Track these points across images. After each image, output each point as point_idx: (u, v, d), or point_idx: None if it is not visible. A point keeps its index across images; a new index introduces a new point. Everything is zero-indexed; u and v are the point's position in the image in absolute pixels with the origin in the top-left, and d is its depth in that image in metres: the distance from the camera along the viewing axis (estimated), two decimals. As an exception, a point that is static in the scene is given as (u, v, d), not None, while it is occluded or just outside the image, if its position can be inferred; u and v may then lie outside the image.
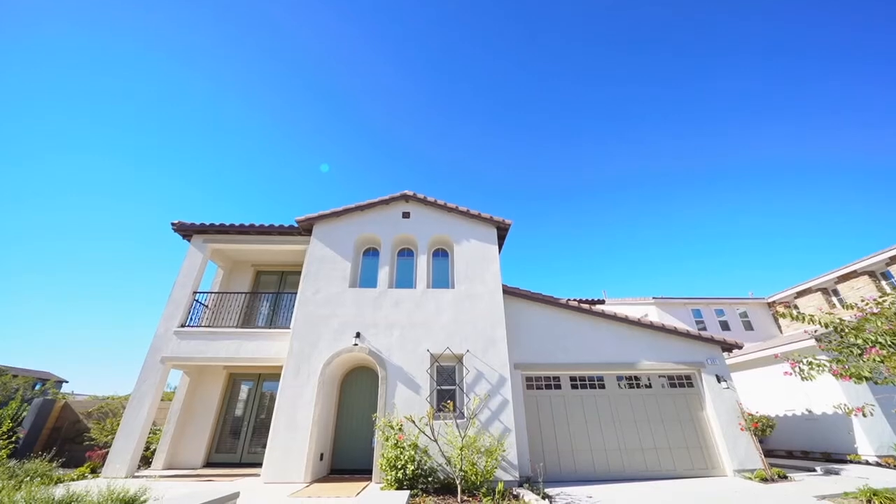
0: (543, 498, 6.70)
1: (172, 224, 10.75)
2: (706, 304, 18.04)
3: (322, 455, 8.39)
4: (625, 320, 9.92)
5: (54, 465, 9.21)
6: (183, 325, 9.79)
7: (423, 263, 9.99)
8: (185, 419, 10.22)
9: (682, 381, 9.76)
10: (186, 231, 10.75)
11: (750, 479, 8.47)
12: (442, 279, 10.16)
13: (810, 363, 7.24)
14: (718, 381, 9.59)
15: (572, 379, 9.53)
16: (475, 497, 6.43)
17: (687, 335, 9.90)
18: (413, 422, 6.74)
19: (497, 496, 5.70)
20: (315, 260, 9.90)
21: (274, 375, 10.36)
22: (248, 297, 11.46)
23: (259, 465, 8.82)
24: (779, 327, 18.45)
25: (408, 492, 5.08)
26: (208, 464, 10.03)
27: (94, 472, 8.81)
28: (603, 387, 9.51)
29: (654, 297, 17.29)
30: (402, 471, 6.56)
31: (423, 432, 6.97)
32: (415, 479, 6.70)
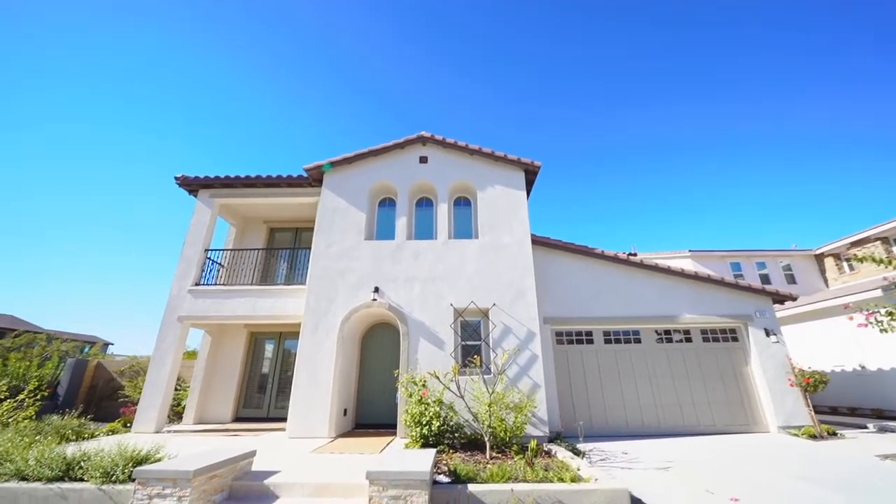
0: (577, 454, 6.28)
1: (176, 178, 10.22)
2: (746, 256, 16.78)
3: (346, 410, 8.20)
4: (666, 271, 9.05)
5: (86, 419, 9.42)
6: (197, 284, 9.51)
7: (443, 213, 9.22)
8: (210, 377, 10.23)
9: (726, 335, 8.99)
10: (191, 185, 10.21)
11: (796, 435, 7.87)
12: (464, 229, 9.41)
13: (891, 313, 6.33)
14: (767, 334, 8.77)
15: (606, 333, 8.89)
16: (505, 453, 6.05)
17: (735, 286, 8.99)
18: (437, 377, 6.31)
19: (530, 453, 5.26)
20: (327, 212, 9.26)
21: (294, 333, 10.12)
22: (264, 256, 11.07)
23: (285, 419, 8.74)
24: (825, 281, 17.14)
25: (434, 450, 4.66)
26: (237, 418, 10.13)
27: (127, 426, 8.94)
28: (639, 341, 8.85)
29: (689, 250, 16.15)
30: (427, 427, 6.20)
31: (449, 388, 6.54)
32: (440, 435, 6.36)
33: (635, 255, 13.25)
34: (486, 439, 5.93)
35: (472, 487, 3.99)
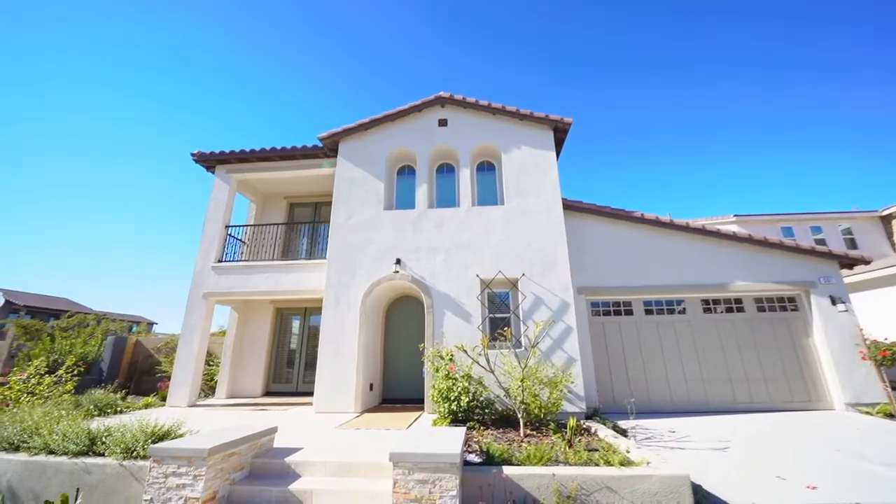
0: (620, 433, 5.79)
1: (192, 155, 10.01)
2: (799, 220, 15.23)
3: (371, 385, 8.01)
4: (715, 234, 8.14)
5: (125, 394, 9.74)
6: (220, 261, 9.42)
7: (465, 178, 8.59)
8: (239, 352, 10.33)
9: (784, 304, 8.08)
10: (207, 161, 10.00)
11: (869, 413, 7.05)
12: (489, 195, 8.77)
13: None
14: (833, 302, 7.81)
15: (646, 304, 8.19)
16: (540, 431, 5.64)
17: (796, 249, 7.99)
18: (465, 351, 5.90)
19: (569, 432, 4.81)
20: (344, 182, 8.83)
21: (319, 309, 9.96)
22: (285, 231, 10.88)
23: (313, 393, 8.68)
24: (892, 245, 15.42)
25: (463, 428, 4.28)
26: (267, 393, 10.25)
27: (163, 400, 9.17)
28: (683, 311, 8.10)
29: (735, 215, 14.79)
30: (455, 402, 5.85)
31: (477, 362, 6.13)
32: (469, 411, 6.01)
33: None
34: (518, 416, 5.52)
35: (507, 470, 3.58)
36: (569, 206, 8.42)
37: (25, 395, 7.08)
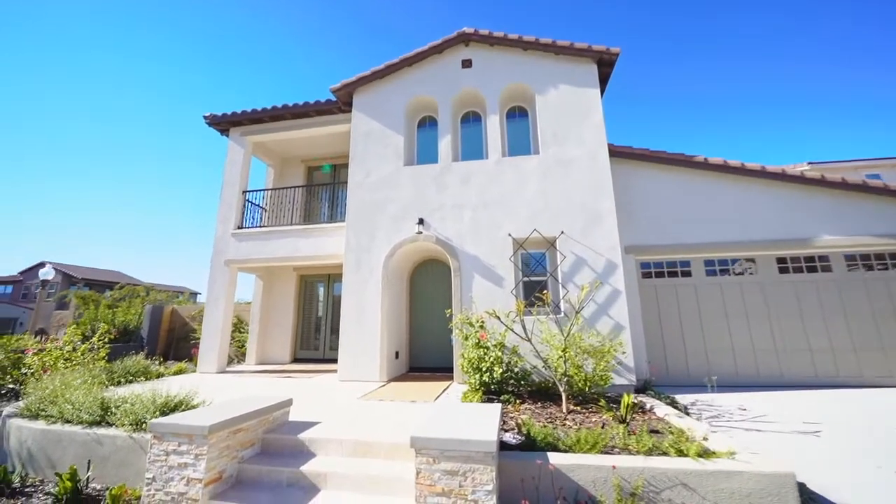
0: (680, 411, 5.02)
1: (205, 117, 9.52)
2: (891, 165, 13.01)
3: (397, 353, 7.59)
4: (798, 180, 6.80)
5: (159, 360, 9.94)
6: (240, 227, 9.11)
7: (494, 126, 7.58)
8: (266, 320, 10.25)
9: (885, 262, 6.75)
10: (219, 123, 9.49)
11: None
12: (521, 145, 7.75)
13: None
14: (947, 258, 6.41)
15: (708, 263, 7.10)
16: (585, 406, 4.97)
17: (904, 194, 6.55)
18: (498, 318, 5.23)
19: (624, 409, 4.08)
20: (361, 137, 8.07)
21: (342, 275, 9.56)
22: (304, 196, 10.40)
23: (340, 361, 8.42)
24: None
25: (499, 406, 3.66)
26: (295, 359, 10.20)
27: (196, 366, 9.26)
28: (754, 272, 6.97)
29: (809, 163, 12.82)
30: (487, 373, 5.25)
31: (512, 329, 5.45)
32: (503, 383, 5.41)
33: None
34: (560, 389, 4.85)
35: (554, 458, 2.93)
36: (616, 153, 7.28)
37: (62, 361, 7.18)
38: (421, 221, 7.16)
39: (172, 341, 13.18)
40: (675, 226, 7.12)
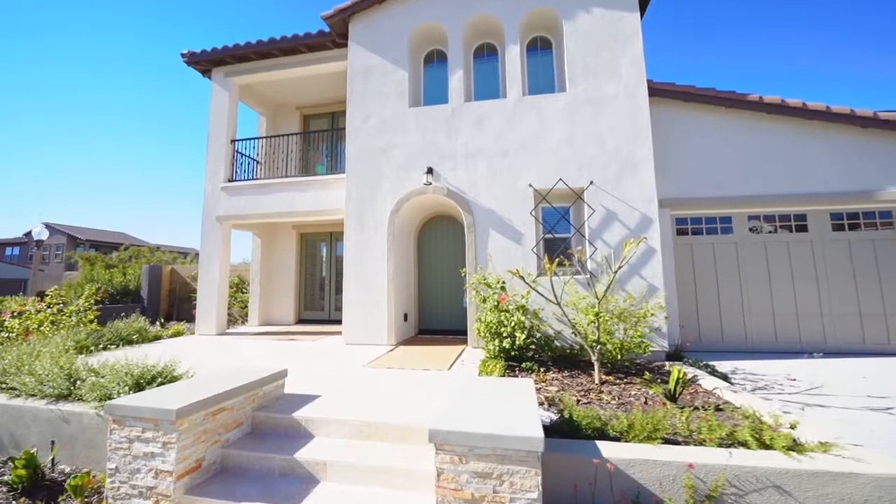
0: (727, 382, 4.48)
1: (182, 55, 8.41)
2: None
3: (406, 315, 7.06)
4: (872, 121, 5.82)
5: (160, 321, 9.59)
6: (230, 181, 8.32)
7: (514, 59, 6.51)
8: (267, 280, 9.74)
9: (955, 216, 5.93)
10: (199, 62, 8.39)
11: None
12: (544, 82, 6.72)
13: None
14: None
15: (752, 219, 6.31)
16: (618, 376, 4.44)
17: None
18: (522, 278, 4.57)
19: (674, 384, 3.51)
20: (359, 74, 7.03)
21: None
22: (301, 147, 9.49)
23: (344, 323, 7.95)
24: None
25: (530, 381, 3.07)
26: (300, 320, 9.81)
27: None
28: (804, 229, 6.18)
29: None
30: (508, 339, 4.68)
31: (537, 291, 4.81)
32: (524, 349, 4.86)
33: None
34: (592, 357, 4.28)
35: (608, 450, 2.37)
36: (655, 91, 6.26)
37: (49, 325, 6.74)
38: (430, 171, 6.33)
39: (174, 302, 12.84)
40: (716, 176, 6.25)
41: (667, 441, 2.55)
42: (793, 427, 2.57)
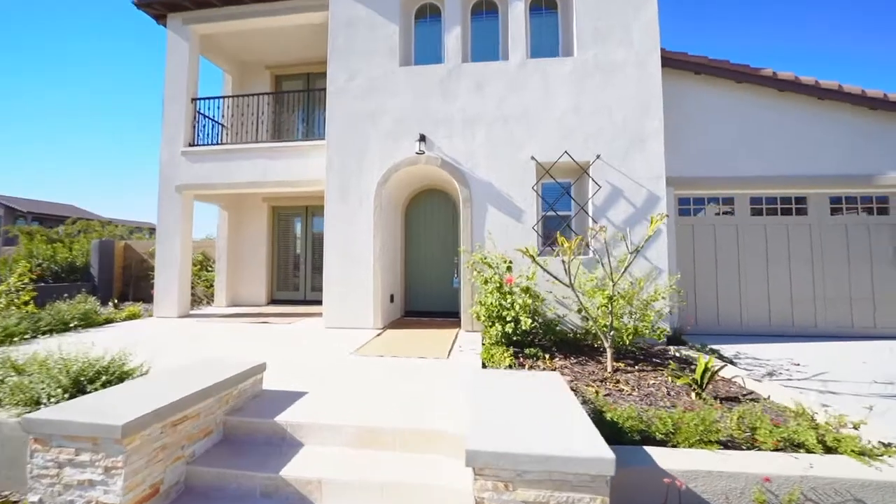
0: (727, 363, 4.31)
1: (131, -7, 7.18)
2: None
3: (392, 296, 6.55)
4: (880, 101, 5.68)
5: (109, 302, 8.63)
6: (191, 145, 7.33)
7: (518, 16, 5.89)
8: (235, 258, 8.89)
9: (944, 202, 5.98)
10: (151, 4, 7.18)
11: None
12: (549, 44, 6.16)
13: None
14: None
15: (754, 201, 6.15)
16: (626, 362, 4.17)
17: None
18: (532, 257, 4.14)
19: (700, 374, 3.23)
20: (342, 25, 6.19)
21: (322, 208, 8.11)
22: (273, 109, 8.54)
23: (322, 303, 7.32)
24: None
25: (558, 376, 2.67)
26: (272, 301, 9.09)
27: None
28: (804, 212, 6.09)
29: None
30: (511, 323, 4.29)
31: (547, 272, 4.41)
32: (526, 334, 4.50)
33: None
34: (606, 344, 3.96)
35: (662, 458, 2.02)
36: (666, 61, 5.84)
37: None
38: (422, 139, 5.71)
39: (130, 280, 11.67)
40: (722, 155, 6.00)
41: (720, 444, 2.23)
42: (856, 427, 2.31)
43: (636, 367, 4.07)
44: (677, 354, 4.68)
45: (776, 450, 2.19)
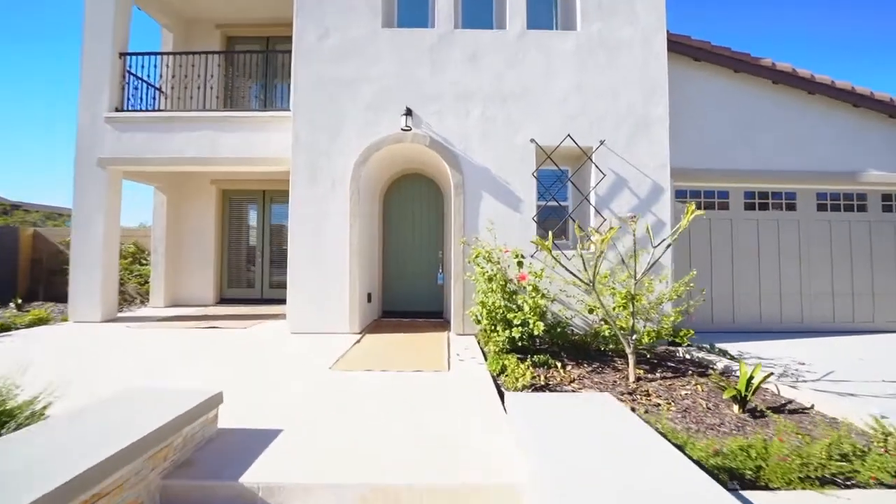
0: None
1: None
2: None
3: (370, 295, 5.77)
4: (866, 98, 5.72)
5: (15, 302, 7.14)
6: (119, 110, 6.01)
7: (518, -20, 5.27)
8: (175, 249, 7.60)
9: (913, 202, 6.23)
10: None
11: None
12: (549, 15, 5.62)
13: None
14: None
15: (748, 195, 6.04)
16: (643, 368, 3.77)
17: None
18: (548, 250, 3.57)
19: (745, 385, 2.85)
20: (313, -27, 5.24)
21: (283, 192, 7.05)
22: (227, 74, 7.32)
23: (284, 301, 6.33)
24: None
25: (610, 397, 2.16)
26: (222, 300, 7.92)
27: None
28: (793, 207, 6.08)
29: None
30: (519, 328, 3.73)
31: (568, 269, 3.87)
32: (533, 339, 3.98)
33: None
34: (627, 350, 3.52)
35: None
36: (669, 44, 5.51)
37: None
38: (409, 113, 4.95)
39: (41, 276, 9.77)
40: (720, 146, 5.81)
41: (827, 481, 1.80)
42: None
43: (657, 375, 3.68)
44: (687, 357, 4.39)
45: (882, 485, 1.79)
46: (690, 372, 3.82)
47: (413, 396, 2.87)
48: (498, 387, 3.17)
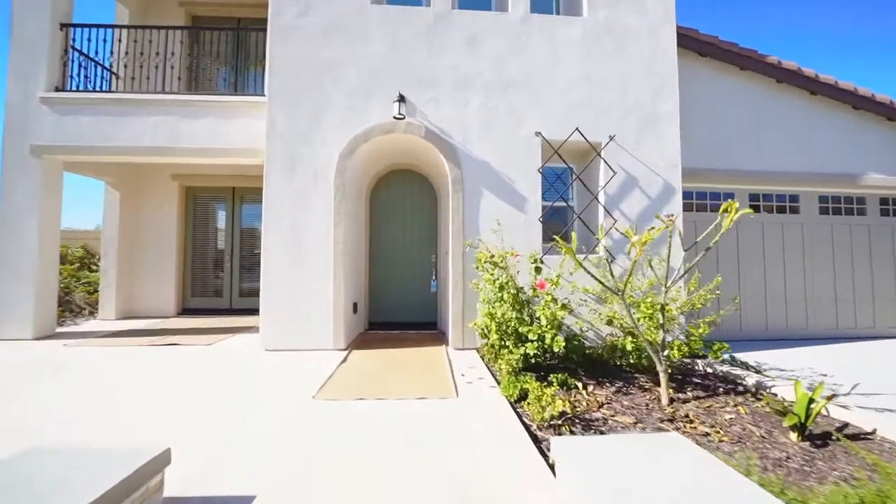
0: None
1: None
2: None
3: (355, 305, 5.14)
4: (866, 100, 5.64)
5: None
6: (60, 89, 5.15)
7: (521, -40, 4.85)
8: (132, 253, 6.71)
9: (909, 206, 6.22)
10: None
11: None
12: (547, 3, 5.23)
13: None
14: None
15: (753, 197, 5.83)
16: (670, 384, 3.35)
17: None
18: (572, 254, 3.11)
19: (804, 410, 2.46)
20: (292, -60, 4.62)
21: (256, 189, 6.30)
22: (191, 53, 6.52)
23: (256, 311, 5.56)
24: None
25: (682, 437, 1.72)
26: (184, 310, 7.06)
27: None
28: (797, 210, 5.92)
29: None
30: (537, 343, 3.24)
31: (595, 277, 3.41)
32: (549, 354, 3.50)
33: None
34: (658, 367, 3.09)
35: None
36: (679, 38, 5.22)
37: None
38: (402, 99, 4.40)
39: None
40: (725, 145, 5.59)
41: None
42: None
43: (689, 394, 3.28)
44: (709, 370, 4.03)
45: None
46: (721, 390, 3.44)
47: (423, 437, 2.30)
48: (519, 416, 2.66)
